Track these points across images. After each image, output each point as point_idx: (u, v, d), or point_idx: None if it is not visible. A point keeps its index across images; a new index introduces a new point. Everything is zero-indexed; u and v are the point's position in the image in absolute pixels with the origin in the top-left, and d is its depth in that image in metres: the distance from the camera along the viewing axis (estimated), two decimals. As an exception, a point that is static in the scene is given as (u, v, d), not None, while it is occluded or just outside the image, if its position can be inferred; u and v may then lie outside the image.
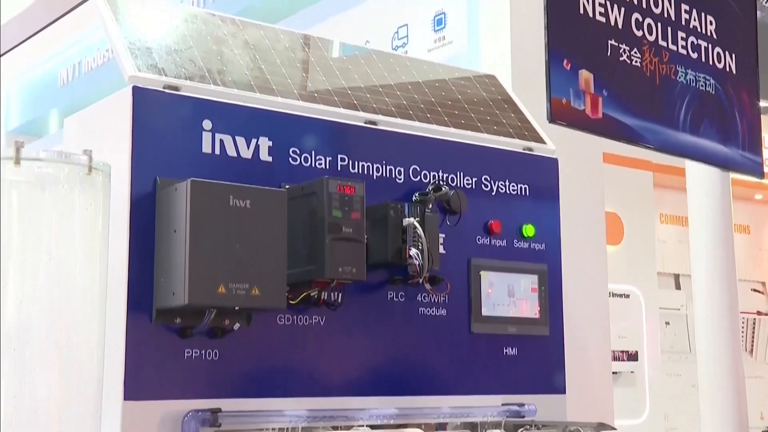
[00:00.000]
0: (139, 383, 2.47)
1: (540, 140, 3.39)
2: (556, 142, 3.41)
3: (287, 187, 2.72)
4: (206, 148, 2.69)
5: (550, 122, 2.89)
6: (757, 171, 3.61)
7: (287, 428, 2.58)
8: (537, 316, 3.19)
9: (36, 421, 2.17)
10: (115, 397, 2.45)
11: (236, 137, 2.74)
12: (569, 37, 2.95)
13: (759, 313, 10.71)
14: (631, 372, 8.33)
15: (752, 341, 10.52)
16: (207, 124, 2.70)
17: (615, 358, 7.75)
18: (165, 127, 2.63)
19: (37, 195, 2.21)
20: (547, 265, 3.26)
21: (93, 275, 2.29)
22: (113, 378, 2.45)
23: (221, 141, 2.72)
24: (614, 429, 2.87)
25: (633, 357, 8.39)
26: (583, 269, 3.85)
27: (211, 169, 2.66)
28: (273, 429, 2.55)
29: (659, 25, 3.26)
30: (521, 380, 3.14)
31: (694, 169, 4.01)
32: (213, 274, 2.44)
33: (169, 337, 2.54)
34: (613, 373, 4.32)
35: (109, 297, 2.40)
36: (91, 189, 2.29)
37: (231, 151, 2.73)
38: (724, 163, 3.54)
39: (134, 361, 2.48)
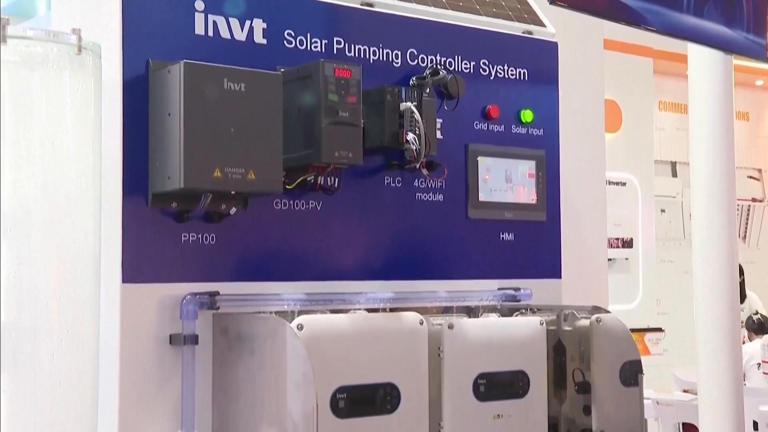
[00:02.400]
0: (137, 266, 2.49)
1: (540, 23, 3.32)
2: (556, 27, 3.34)
3: (282, 70, 2.67)
4: (199, 29, 2.63)
5: (551, 4, 2.81)
6: (760, 54, 3.54)
7: (285, 311, 2.60)
8: (534, 201, 3.19)
9: (35, 302, 2.19)
10: (114, 280, 2.46)
11: (230, 19, 2.68)
12: None
13: (754, 200, 10.77)
14: (626, 259, 8.42)
15: (746, 228, 10.62)
16: (199, 4, 2.64)
17: (610, 246, 7.82)
18: (156, 7, 2.57)
19: (26, 75, 2.17)
20: (544, 151, 3.24)
21: (86, 157, 2.27)
22: (111, 261, 2.46)
23: (214, 22, 2.66)
24: (608, 312, 2.91)
25: (628, 244, 8.47)
26: (580, 156, 3.82)
27: (205, 51, 2.61)
28: (271, 312, 2.57)
29: None
30: (517, 265, 3.16)
31: (696, 53, 3.93)
32: (208, 158, 2.42)
33: (165, 221, 2.54)
34: (608, 259, 4.35)
35: (105, 181, 2.39)
36: (81, 69, 2.24)
37: (224, 33, 2.67)
38: (727, 46, 3.46)
39: (131, 244, 2.48)
